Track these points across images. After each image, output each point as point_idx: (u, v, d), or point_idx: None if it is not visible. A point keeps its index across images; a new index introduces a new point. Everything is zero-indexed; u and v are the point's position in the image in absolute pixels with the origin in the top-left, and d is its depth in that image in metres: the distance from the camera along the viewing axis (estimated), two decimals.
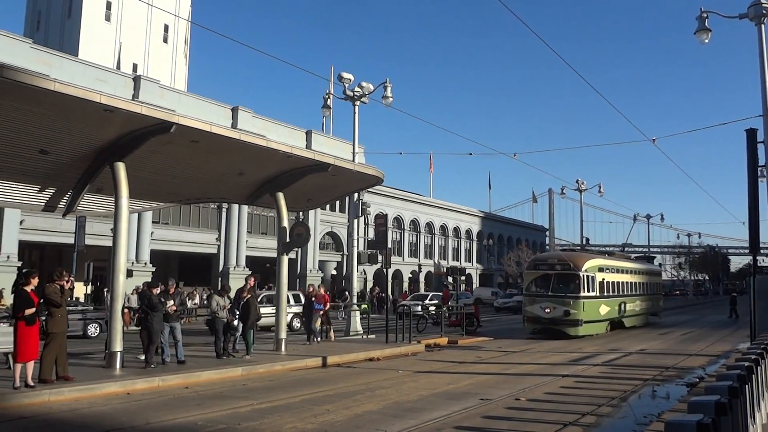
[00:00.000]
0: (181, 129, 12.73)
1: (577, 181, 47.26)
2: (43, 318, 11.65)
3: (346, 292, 44.19)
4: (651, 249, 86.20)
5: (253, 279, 18.24)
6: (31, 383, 10.99)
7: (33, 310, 11.06)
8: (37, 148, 13.00)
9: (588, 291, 24.75)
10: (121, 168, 13.62)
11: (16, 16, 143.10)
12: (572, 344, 22.70)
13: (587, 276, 24.81)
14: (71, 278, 12.78)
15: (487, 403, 11.27)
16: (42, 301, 11.44)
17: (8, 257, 31.67)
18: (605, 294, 26.25)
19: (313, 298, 20.74)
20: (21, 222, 33.04)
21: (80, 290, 33.83)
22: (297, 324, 26.30)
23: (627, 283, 29.34)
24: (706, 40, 16.61)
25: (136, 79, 38.97)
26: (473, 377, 14.66)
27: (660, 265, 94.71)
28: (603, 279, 25.97)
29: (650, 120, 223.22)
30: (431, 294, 40.53)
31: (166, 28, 67.03)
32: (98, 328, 22.29)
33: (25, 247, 35.10)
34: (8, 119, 11.67)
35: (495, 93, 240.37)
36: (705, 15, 16.55)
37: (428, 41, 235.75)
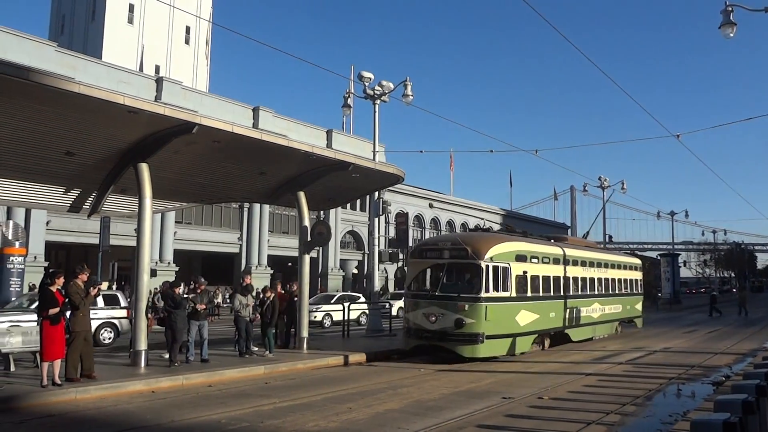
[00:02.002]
0: (203, 129, 12.84)
1: (599, 178, 46.86)
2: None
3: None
4: (675, 246, 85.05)
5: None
6: (58, 381, 11.17)
7: (57, 309, 11.23)
8: (62, 150, 13.20)
9: (495, 289, 16.66)
10: (144, 169, 13.78)
11: (41, 20, 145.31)
12: (595, 343, 22.49)
13: (495, 267, 16.73)
14: (98, 287, 12.96)
15: (510, 402, 11.23)
16: (66, 300, 11.62)
17: (35, 257, 32.20)
18: (530, 294, 18.12)
19: (296, 298, 18.21)
20: (47, 223, 33.60)
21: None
22: (108, 336, 19.29)
23: (576, 278, 21.47)
24: (731, 35, 16.34)
25: (159, 81, 39.40)
26: (495, 375, 14.61)
27: (684, 262, 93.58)
28: (525, 272, 17.91)
29: (674, 116, 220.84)
30: (338, 294, 31.81)
31: (188, 29, 67.67)
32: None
33: (51, 248, 35.69)
34: (34, 121, 11.86)
35: (516, 90, 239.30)
36: (730, 9, 16.27)
37: (448, 39, 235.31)
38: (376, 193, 24.76)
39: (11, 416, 9.56)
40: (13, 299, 20.11)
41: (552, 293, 19.53)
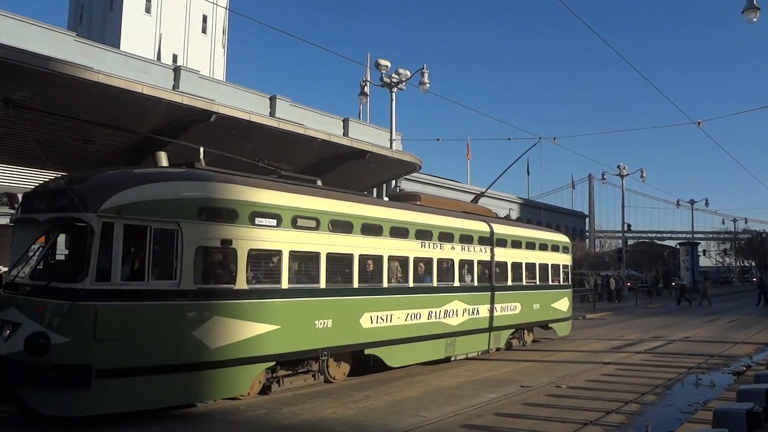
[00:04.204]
0: (221, 118, 12.92)
1: (618, 166, 46.62)
2: None
3: None
4: (695, 235, 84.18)
5: None
6: None
7: None
8: (81, 139, 13.32)
9: (136, 276, 8.81)
10: (163, 157, 13.80)
11: (60, 10, 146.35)
12: (614, 331, 22.35)
13: (133, 230, 8.70)
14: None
15: (528, 390, 11.22)
16: None
17: None
18: (245, 286, 9.74)
19: None
20: None
21: None
22: None
23: (404, 260, 12.95)
24: (755, 19, 16.09)
25: (176, 70, 39.51)
26: (512, 364, 14.59)
27: (704, 251, 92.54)
28: (230, 243, 9.60)
29: (695, 102, 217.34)
30: None
31: (205, 18, 67.83)
32: None
33: None
34: (54, 110, 11.96)
35: (534, 77, 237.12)
36: None
37: (465, 25, 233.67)
38: (393, 182, 24.74)
39: None
40: None
41: (325, 285, 10.97)
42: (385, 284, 12.36)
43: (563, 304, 19.29)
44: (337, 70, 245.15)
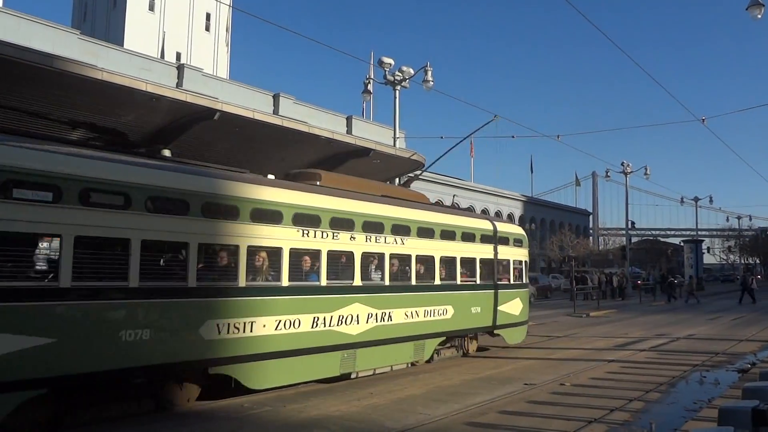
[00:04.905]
0: (224, 116, 12.93)
1: (622, 164, 46.56)
2: None
3: None
4: (699, 232, 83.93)
5: None
6: None
7: None
8: (85, 137, 13.32)
9: None
10: (166, 155, 13.89)
11: (64, 8, 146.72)
12: (617, 329, 22.32)
13: None
14: None
15: (532, 388, 11.21)
16: None
17: None
18: (28, 282, 7.59)
19: None
20: None
21: None
22: None
23: (273, 251, 10.12)
24: (759, 16, 16.01)
25: (180, 68, 39.57)
26: (516, 362, 14.58)
27: (708, 248, 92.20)
28: (26, 228, 7.39)
29: (699, 99, 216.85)
30: None
31: (208, 16, 67.93)
32: None
33: None
34: (58, 108, 11.98)
35: (538, 74, 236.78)
36: None
37: (469, 23, 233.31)
38: (397, 180, 24.72)
39: None
40: None
41: (138, 284, 8.20)
42: (242, 283, 9.53)
43: (514, 307, 16.27)
44: (341, 68, 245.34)
